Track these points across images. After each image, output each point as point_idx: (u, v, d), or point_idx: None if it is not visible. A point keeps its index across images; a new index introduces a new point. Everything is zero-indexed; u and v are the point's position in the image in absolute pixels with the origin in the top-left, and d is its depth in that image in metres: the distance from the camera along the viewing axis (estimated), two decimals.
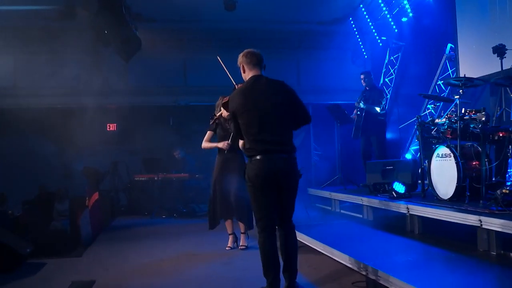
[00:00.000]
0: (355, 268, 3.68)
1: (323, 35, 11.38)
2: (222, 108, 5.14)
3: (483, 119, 4.44)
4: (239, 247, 5.56)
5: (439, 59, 8.44)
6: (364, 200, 5.85)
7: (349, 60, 11.70)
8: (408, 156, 8.50)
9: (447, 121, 4.84)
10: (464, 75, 5.17)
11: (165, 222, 8.38)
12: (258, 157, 3.57)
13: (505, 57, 5.88)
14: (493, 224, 3.64)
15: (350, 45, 11.35)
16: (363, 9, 10.22)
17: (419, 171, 5.48)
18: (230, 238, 5.70)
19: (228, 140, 5.32)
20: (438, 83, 8.31)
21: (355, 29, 10.87)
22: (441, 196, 4.95)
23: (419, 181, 5.63)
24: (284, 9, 10.79)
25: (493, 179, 4.58)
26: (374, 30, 10.37)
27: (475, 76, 7.18)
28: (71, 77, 10.29)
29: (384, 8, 9.68)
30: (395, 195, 5.40)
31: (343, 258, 3.90)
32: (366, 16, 10.26)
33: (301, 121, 3.71)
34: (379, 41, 10.50)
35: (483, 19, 7.06)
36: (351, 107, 9.56)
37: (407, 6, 9.00)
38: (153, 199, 9.45)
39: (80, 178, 9.86)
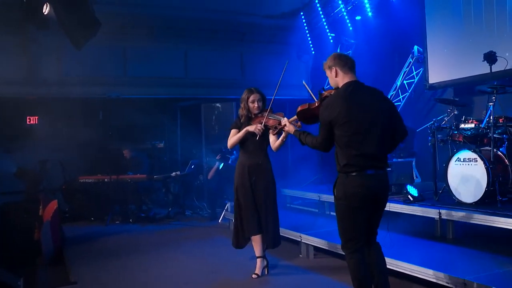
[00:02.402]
0: (451, 286, 3.54)
1: (269, 28, 11.15)
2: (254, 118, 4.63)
3: None
4: (253, 275, 4.70)
5: (402, 60, 8.70)
6: None
7: (295, 55, 11.64)
8: None
9: (475, 127, 4.93)
10: (495, 82, 5.25)
11: (130, 229, 7.57)
12: (358, 174, 3.24)
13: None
14: None
15: (297, 40, 11.25)
16: (317, 4, 10.16)
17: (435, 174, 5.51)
18: (258, 262, 4.76)
19: (261, 125, 4.47)
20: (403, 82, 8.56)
21: (305, 24, 10.80)
22: (463, 200, 5.04)
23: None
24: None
25: None
26: (326, 26, 10.37)
27: (446, 79, 7.65)
28: None
29: (341, 6, 9.72)
30: (411, 198, 5.40)
31: (436, 276, 3.72)
32: (320, 12, 10.22)
33: (399, 135, 3.43)
34: (330, 37, 10.54)
35: (457, 24, 7.37)
36: (295, 102, 9.53)
37: (367, 5, 9.12)
38: (103, 204, 8.50)
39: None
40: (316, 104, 3.57)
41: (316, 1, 10.12)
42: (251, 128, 4.58)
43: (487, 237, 4.73)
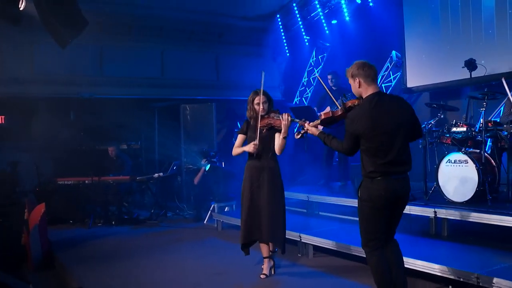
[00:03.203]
0: (461, 279, 3.78)
1: (245, 30, 11.27)
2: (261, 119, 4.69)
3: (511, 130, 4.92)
4: (261, 275, 4.77)
5: (380, 64, 9.01)
6: None
7: (270, 57, 11.80)
8: None
9: (466, 130, 5.24)
10: (486, 89, 5.59)
11: (116, 232, 7.43)
12: (383, 178, 3.40)
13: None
14: None
15: (273, 42, 11.42)
16: (295, 7, 10.35)
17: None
18: (265, 263, 4.83)
19: (256, 141, 4.58)
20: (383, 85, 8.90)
21: (281, 27, 10.97)
22: (454, 199, 5.33)
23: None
24: (210, 0, 10.42)
25: None
26: (302, 29, 10.58)
27: (424, 84, 8.02)
28: None
29: (319, 9, 9.95)
30: None
31: (449, 271, 3.94)
32: (297, 14, 10.42)
33: (416, 136, 3.64)
34: (305, 39, 10.77)
35: (435, 31, 7.75)
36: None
37: (345, 10, 9.39)
38: (82, 206, 8.31)
39: None
40: (340, 112, 3.72)
41: (294, 4, 10.30)
42: (247, 148, 4.67)
43: (479, 234, 5.02)
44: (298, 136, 4.11)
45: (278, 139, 4.67)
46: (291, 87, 11.62)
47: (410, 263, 4.14)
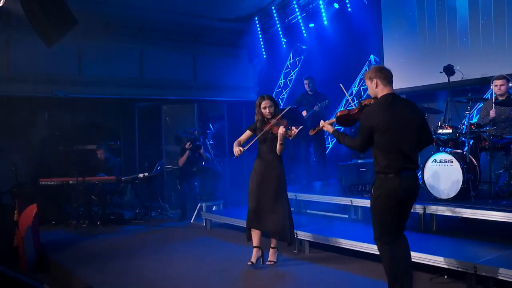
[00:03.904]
0: (459, 269, 4.12)
1: (222, 31, 11.41)
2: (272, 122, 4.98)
3: (493, 132, 5.34)
4: (268, 262, 5.18)
5: (358, 67, 9.39)
6: (357, 202, 6.30)
7: (247, 58, 11.99)
8: None
9: (452, 132, 5.63)
10: (470, 94, 6.00)
11: (106, 232, 7.41)
12: (395, 175, 3.67)
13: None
14: None
15: (250, 44, 11.62)
16: (273, 10, 10.57)
17: None
18: (254, 252, 5.19)
19: (245, 148, 5.07)
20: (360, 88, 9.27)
21: (258, 29, 11.17)
22: (439, 196, 5.70)
23: None
24: (188, 1, 10.47)
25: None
26: (280, 31, 10.82)
27: (402, 87, 8.43)
28: None
29: (297, 12, 10.21)
30: None
31: (446, 262, 4.27)
32: (276, 17, 10.64)
33: (425, 141, 3.90)
34: (283, 42, 11.01)
35: (412, 37, 8.18)
36: (244, 104, 9.95)
37: (324, 14, 9.71)
38: (66, 207, 8.22)
39: None
40: (356, 111, 3.97)
41: (273, 7, 10.52)
42: (235, 149, 5.04)
43: (465, 228, 5.42)
44: (313, 133, 4.36)
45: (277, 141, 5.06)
46: (267, 88, 11.82)
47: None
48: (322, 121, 4.26)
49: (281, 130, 4.95)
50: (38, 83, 9.47)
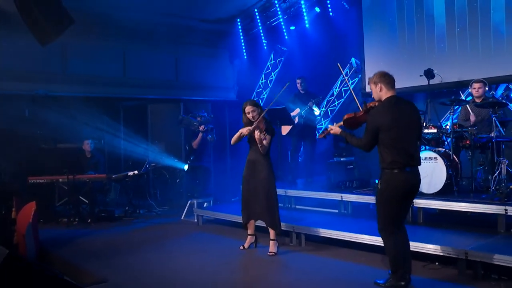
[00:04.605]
0: (452, 255, 4.54)
1: (204, 32, 11.59)
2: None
3: (475, 132, 5.83)
4: (268, 253, 5.59)
5: (339, 69, 9.76)
6: (347, 197, 6.68)
7: (227, 59, 12.23)
8: None
9: (436, 131, 6.08)
10: (453, 97, 6.47)
11: (99, 229, 7.51)
12: (403, 170, 4.05)
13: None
14: None
15: (231, 45, 11.87)
16: (256, 12, 10.85)
17: None
18: (248, 238, 5.88)
19: (250, 128, 5.51)
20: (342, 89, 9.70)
21: (240, 30, 11.42)
22: (424, 191, 6.13)
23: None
24: (171, 2, 10.60)
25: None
26: (262, 33, 11.11)
27: None
28: None
29: (279, 15, 10.53)
30: None
31: (441, 250, 4.69)
32: (258, 19, 10.92)
33: (420, 136, 4.34)
34: (264, 43, 11.30)
35: (392, 41, 8.65)
36: (228, 104, 10.17)
37: (306, 17, 10.06)
38: (55, 205, 8.24)
39: None
40: (362, 113, 4.32)
41: (255, 10, 10.80)
42: (243, 130, 5.63)
43: (450, 220, 5.88)
44: (322, 136, 4.67)
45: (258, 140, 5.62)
46: (247, 88, 12.11)
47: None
48: (330, 125, 4.59)
49: (257, 134, 5.49)
50: (19, 80, 9.42)
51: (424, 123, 6.33)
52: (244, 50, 11.70)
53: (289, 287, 4.57)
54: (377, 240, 5.08)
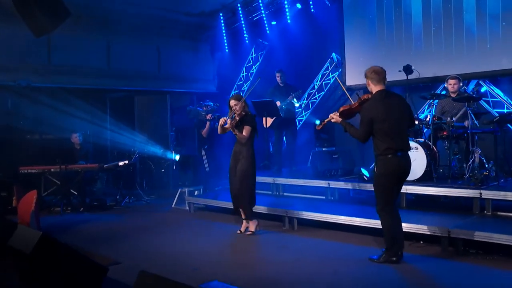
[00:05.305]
0: (437, 233, 5.09)
1: (187, 25, 11.82)
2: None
3: (452, 124, 6.40)
4: (247, 233, 6.17)
5: (320, 64, 10.27)
6: (334, 184, 7.17)
7: (208, 52, 12.51)
8: None
9: (417, 123, 6.62)
10: (433, 91, 7.01)
11: (93, 218, 7.72)
12: (393, 156, 4.54)
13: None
14: (489, 195, 5.61)
15: (212, 38, 12.16)
16: (239, 7, 11.16)
17: None
18: (243, 223, 6.28)
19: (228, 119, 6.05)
20: (321, 82, 10.17)
21: (222, 24, 11.71)
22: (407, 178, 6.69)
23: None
24: None
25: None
26: (244, 27, 11.44)
27: (362, 83, 9.38)
28: None
29: (262, 10, 10.88)
30: (366, 178, 6.91)
31: (422, 228, 5.24)
32: (240, 14, 11.24)
33: (411, 125, 4.85)
34: (246, 37, 11.64)
35: (372, 38, 9.18)
36: (206, 96, 10.59)
37: (287, 12, 10.46)
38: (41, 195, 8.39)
39: None
40: (356, 104, 4.80)
41: (238, 4, 11.11)
42: (220, 120, 6.22)
43: (423, 204, 6.44)
44: (320, 127, 5.10)
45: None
46: (227, 81, 12.43)
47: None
48: (331, 114, 5.02)
49: (228, 123, 6.07)
50: (3, 71, 9.44)
51: None
52: (226, 44, 12.00)
53: (292, 264, 4.98)
54: (368, 222, 5.64)
